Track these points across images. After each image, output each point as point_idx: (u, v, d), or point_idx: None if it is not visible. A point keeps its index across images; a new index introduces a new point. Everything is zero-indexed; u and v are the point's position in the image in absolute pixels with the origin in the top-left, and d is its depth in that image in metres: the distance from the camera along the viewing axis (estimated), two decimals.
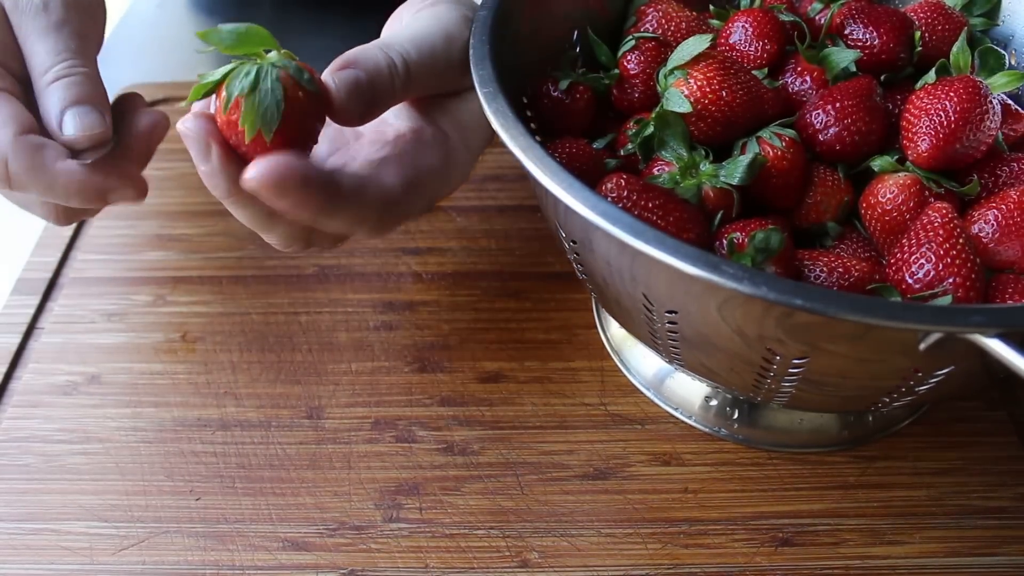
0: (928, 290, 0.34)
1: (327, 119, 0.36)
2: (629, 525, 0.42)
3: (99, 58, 0.40)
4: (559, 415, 0.46)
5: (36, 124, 0.36)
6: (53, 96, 0.36)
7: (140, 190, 0.38)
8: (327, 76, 0.35)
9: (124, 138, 0.38)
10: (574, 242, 0.37)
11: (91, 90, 0.37)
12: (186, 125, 0.33)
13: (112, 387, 0.48)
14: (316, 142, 0.36)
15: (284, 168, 0.32)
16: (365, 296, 0.52)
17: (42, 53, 0.37)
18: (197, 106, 0.35)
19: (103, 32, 0.41)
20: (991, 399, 0.47)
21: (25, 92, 0.38)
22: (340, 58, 0.35)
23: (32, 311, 0.51)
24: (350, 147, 0.41)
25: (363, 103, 0.35)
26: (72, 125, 0.36)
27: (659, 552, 0.41)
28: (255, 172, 0.32)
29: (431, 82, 0.39)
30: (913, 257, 0.35)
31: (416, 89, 0.38)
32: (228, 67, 0.33)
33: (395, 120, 0.40)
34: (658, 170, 0.40)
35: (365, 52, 0.36)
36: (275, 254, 0.54)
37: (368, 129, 0.41)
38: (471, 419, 0.46)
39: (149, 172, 0.40)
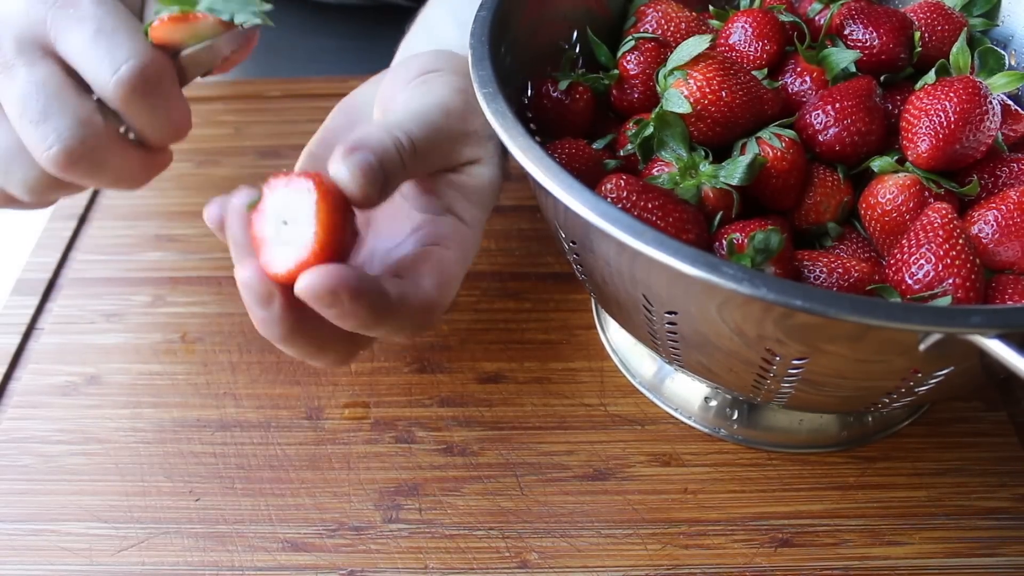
0: (928, 291, 0.34)
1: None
2: (629, 526, 0.42)
3: None
4: (559, 416, 0.46)
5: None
6: None
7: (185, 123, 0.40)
8: (338, 164, 0.33)
9: None
10: (574, 243, 0.37)
11: None
12: (245, 275, 0.32)
13: (111, 388, 0.48)
14: (355, 242, 0.34)
15: (337, 278, 0.31)
16: None
17: None
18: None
19: None
20: (991, 399, 0.47)
21: None
22: (344, 144, 0.34)
23: (32, 311, 0.51)
24: (366, 240, 0.40)
25: (377, 186, 0.34)
26: None
27: (659, 553, 0.41)
28: (308, 282, 0.31)
29: (434, 157, 0.39)
30: (913, 258, 0.35)
31: (421, 166, 0.38)
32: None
33: (408, 207, 0.40)
34: (658, 171, 0.40)
35: (370, 135, 0.35)
36: None
37: (380, 216, 0.41)
38: (471, 420, 0.46)
39: None
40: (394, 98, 0.41)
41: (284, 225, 0.32)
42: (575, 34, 0.47)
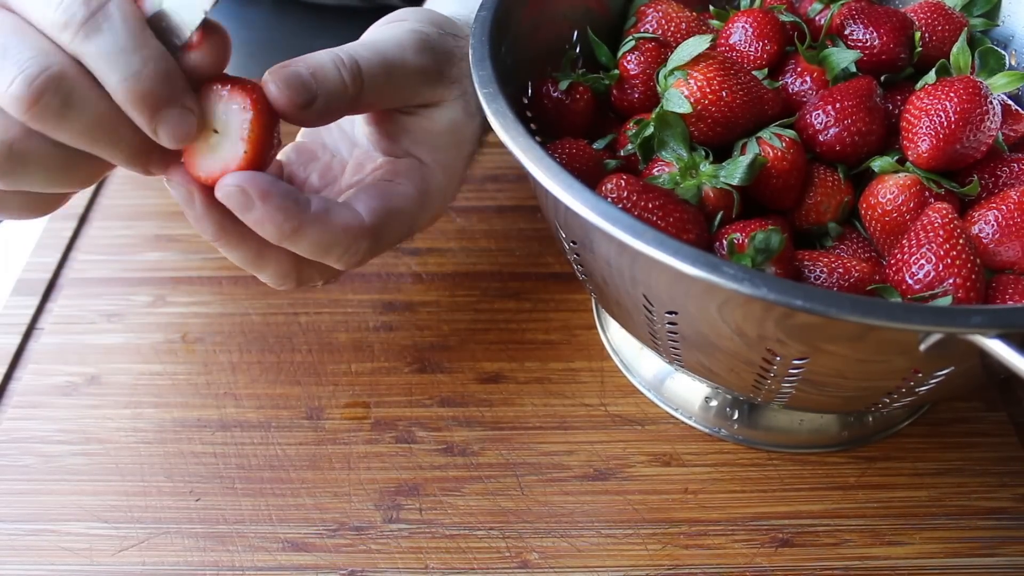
0: (928, 291, 0.34)
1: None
2: (629, 526, 0.42)
3: None
4: (559, 416, 0.46)
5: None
6: None
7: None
8: (269, 75, 0.34)
9: None
10: (574, 243, 0.37)
11: None
12: (173, 180, 0.35)
13: (112, 388, 0.48)
14: (275, 150, 0.36)
15: (249, 179, 0.33)
16: (365, 296, 0.52)
17: None
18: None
19: None
20: (991, 399, 0.47)
21: None
22: (283, 63, 0.35)
23: (32, 311, 0.51)
24: (338, 181, 0.42)
25: (308, 98, 0.35)
26: None
27: (659, 553, 0.41)
28: (222, 183, 0.34)
29: (387, 90, 0.38)
30: (913, 258, 0.35)
31: (373, 96, 0.38)
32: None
33: (374, 153, 0.41)
34: (658, 171, 0.40)
35: (312, 55, 0.36)
36: None
37: (353, 162, 0.42)
38: (471, 420, 0.46)
39: None
40: (369, 32, 0.41)
41: (215, 134, 0.34)
42: (575, 34, 0.47)
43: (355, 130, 0.44)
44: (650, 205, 0.36)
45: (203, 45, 0.33)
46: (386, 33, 0.40)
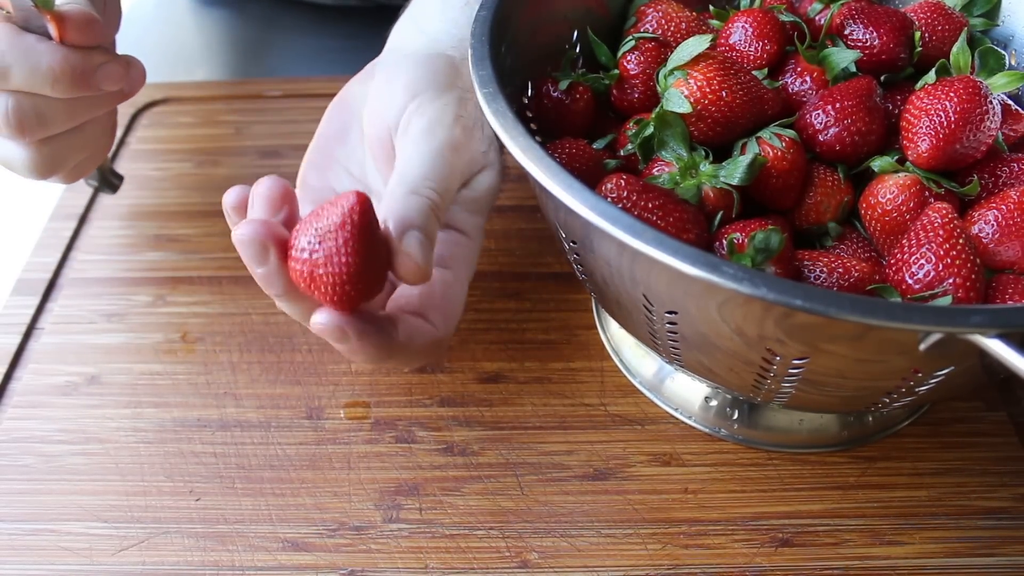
0: (928, 290, 0.34)
1: None
2: (629, 525, 0.42)
3: None
4: (559, 415, 0.46)
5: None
6: None
7: (131, 65, 0.41)
8: (396, 234, 0.35)
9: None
10: (574, 243, 0.37)
11: None
12: (241, 232, 0.34)
13: (112, 388, 0.48)
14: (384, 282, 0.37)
15: (345, 319, 0.34)
16: None
17: None
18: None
19: None
20: (991, 399, 0.47)
21: None
22: (392, 218, 0.35)
23: (32, 311, 0.51)
24: None
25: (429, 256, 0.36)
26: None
27: (659, 553, 0.41)
28: (319, 319, 0.34)
29: (453, 193, 0.40)
30: (913, 257, 0.35)
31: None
32: None
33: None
34: (658, 170, 0.40)
35: (408, 208, 0.36)
36: None
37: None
38: (471, 419, 0.46)
39: (148, 173, 0.40)
40: (402, 148, 0.41)
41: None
42: (575, 34, 0.47)
43: (367, 176, 0.44)
44: (650, 205, 0.36)
45: (67, 35, 0.38)
46: (435, 143, 0.39)
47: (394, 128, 0.41)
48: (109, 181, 0.54)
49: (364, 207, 0.33)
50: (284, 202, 0.36)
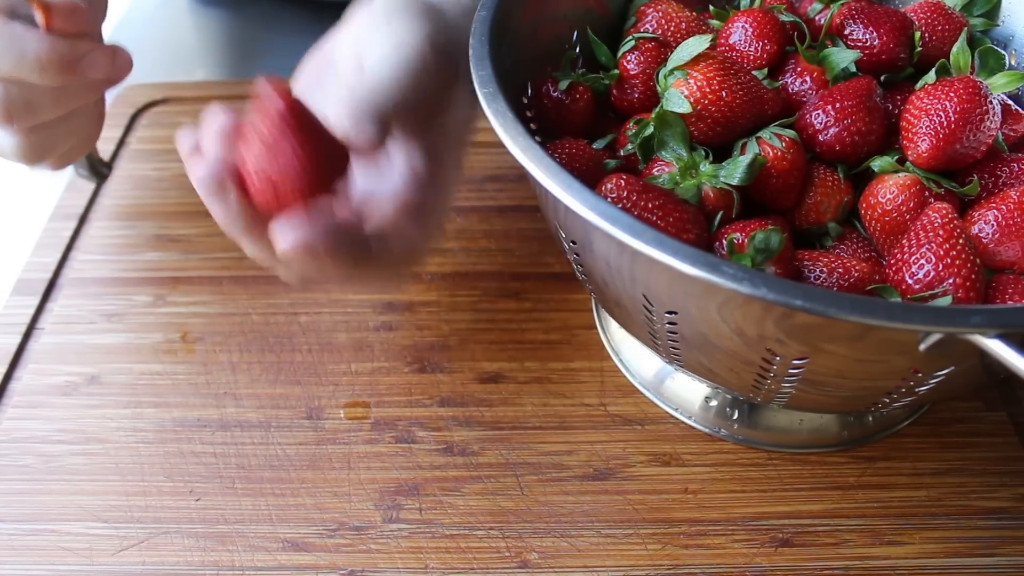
0: (928, 290, 0.34)
1: None
2: (629, 526, 0.42)
3: None
4: (559, 415, 0.46)
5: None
6: None
7: (117, 52, 0.42)
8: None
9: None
10: (574, 243, 0.37)
11: None
12: (198, 172, 0.34)
13: (112, 388, 0.48)
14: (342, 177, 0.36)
15: (312, 235, 0.33)
16: (365, 296, 0.52)
17: None
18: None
19: None
20: (991, 399, 0.47)
21: None
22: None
23: (32, 311, 0.51)
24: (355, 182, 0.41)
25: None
26: None
27: (659, 553, 0.41)
28: (287, 239, 0.34)
29: (420, 115, 0.40)
30: (913, 257, 0.35)
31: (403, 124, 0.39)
32: None
33: (398, 153, 0.40)
34: (658, 170, 0.40)
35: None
36: None
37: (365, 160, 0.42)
38: (471, 419, 0.46)
39: (148, 173, 0.40)
40: (370, 51, 0.40)
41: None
42: (575, 34, 0.47)
43: None
44: (650, 205, 0.36)
45: (53, 23, 0.39)
46: (407, 61, 0.39)
47: (364, 49, 0.41)
48: (98, 170, 0.54)
49: (286, 100, 0.34)
50: (237, 136, 0.36)
